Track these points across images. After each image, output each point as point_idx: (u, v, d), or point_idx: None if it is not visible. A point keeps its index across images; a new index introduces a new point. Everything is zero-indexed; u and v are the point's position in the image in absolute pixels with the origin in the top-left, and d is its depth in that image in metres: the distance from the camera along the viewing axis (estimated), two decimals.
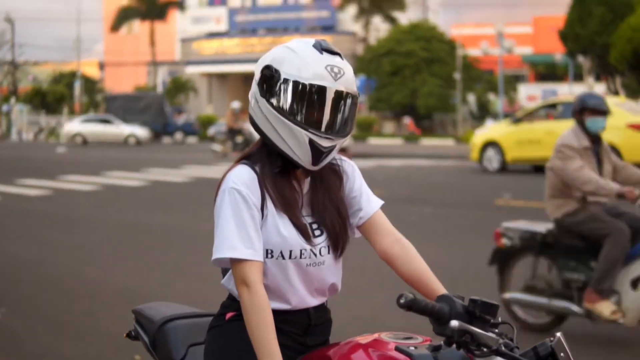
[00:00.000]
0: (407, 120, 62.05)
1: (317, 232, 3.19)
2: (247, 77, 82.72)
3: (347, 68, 3.10)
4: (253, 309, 2.98)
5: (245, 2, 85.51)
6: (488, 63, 64.57)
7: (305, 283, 3.18)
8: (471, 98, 63.91)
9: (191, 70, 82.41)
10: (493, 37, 57.45)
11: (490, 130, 26.92)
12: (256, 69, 3.16)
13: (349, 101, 3.08)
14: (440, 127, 63.03)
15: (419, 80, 62.33)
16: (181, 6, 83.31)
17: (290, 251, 3.12)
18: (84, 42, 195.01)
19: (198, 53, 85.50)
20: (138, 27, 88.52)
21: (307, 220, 3.20)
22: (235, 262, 3.04)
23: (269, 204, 3.11)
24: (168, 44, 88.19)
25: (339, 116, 3.07)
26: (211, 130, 46.82)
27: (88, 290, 9.44)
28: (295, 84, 3.02)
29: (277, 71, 3.06)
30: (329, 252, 3.21)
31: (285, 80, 3.04)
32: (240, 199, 3.06)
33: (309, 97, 3.02)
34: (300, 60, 3.05)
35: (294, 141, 3.05)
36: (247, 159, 3.21)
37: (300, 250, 3.13)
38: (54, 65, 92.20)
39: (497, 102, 57.76)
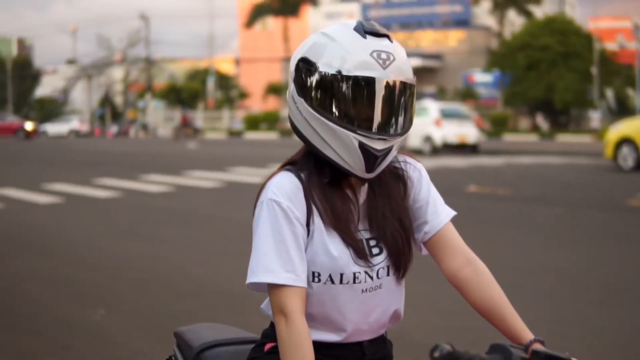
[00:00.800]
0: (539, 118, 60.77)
1: (375, 250, 2.67)
2: None
3: (398, 51, 2.58)
4: (290, 343, 2.49)
5: None
6: (627, 57, 62.63)
7: (360, 311, 2.67)
8: (609, 93, 62.22)
9: None
10: (629, 30, 55.69)
11: (626, 126, 25.76)
12: (291, 63, 2.66)
13: (403, 92, 2.57)
14: (576, 123, 61.57)
15: (555, 74, 60.95)
16: (314, 2, 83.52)
17: (342, 274, 2.62)
18: (220, 39, 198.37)
19: None
20: (272, 24, 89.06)
21: (364, 235, 2.68)
22: (272, 288, 2.56)
23: (316, 218, 2.62)
24: (301, 40, 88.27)
25: (393, 111, 2.56)
26: None
27: (191, 290, 9.18)
28: (336, 77, 2.51)
29: (313, 64, 2.55)
30: (388, 274, 2.70)
31: (324, 74, 2.52)
32: (280, 213, 2.58)
33: (354, 92, 2.51)
34: (340, 48, 2.53)
35: (341, 146, 2.54)
36: (292, 164, 2.72)
37: (354, 274, 2.63)
38: (191, 62, 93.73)
39: (636, 97, 55.93)
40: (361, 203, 2.70)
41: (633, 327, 7.44)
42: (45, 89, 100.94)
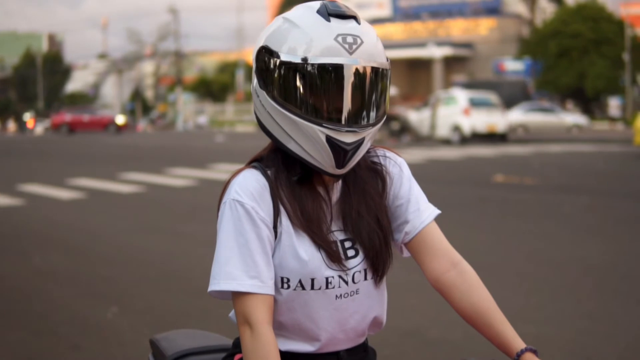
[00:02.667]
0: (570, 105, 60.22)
1: (350, 253, 2.47)
2: (412, 63, 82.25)
3: (367, 34, 2.35)
4: (255, 356, 2.28)
5: None
6: None
7: (335, 319, 2.46)
8: None
9: None
10: None
11: None
12: (253, 52, 2.47)
13: (374, 79, 2.35)
14: (602, 111, 61.04)
15: (587, 62, 60.48)
16: None
17: (313, 279, 2.41)
18: (250, 31, 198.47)
19: None
20: None
21: (338, 236, 2.47)
22: (235, 296, 2.36)
23: (284, 219, 2.42)
24: None
25: (363, 101, 2.34)
26: None
27: (205, 288, 9.02)
28: (299, 66, 2.30)
29: (275, 53, 2.35)
30: (365, 278, 2.49)
31: (286, 63, 2.31)
32: (243, 214, 2.37)
33: (318, 81, 2.29)
34: (303, 33, 2.32)
35: (307, 141, 2.34)
36: (259, 161, 2.52)
37: (327, 278, 2.42)
38: (220, 54, 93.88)
39: None
40: (334, 201, 2.50)
41: None
42: (76, 83, 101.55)
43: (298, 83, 2.31)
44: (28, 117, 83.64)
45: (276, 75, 2.34)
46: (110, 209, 15.86)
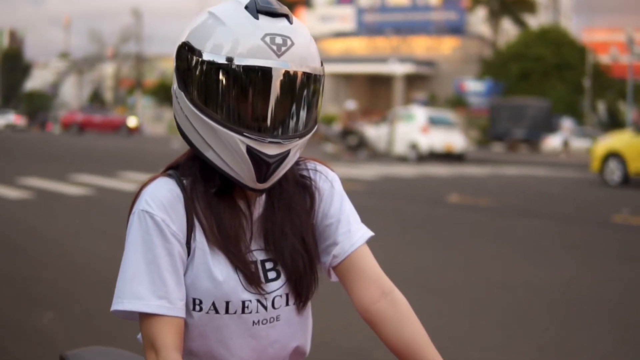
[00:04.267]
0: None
1: (271, 275, 2.24)
2: (373, 78, 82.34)
3: (299, 34, 2.13)
4: None
5: (374, 2, 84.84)
6: (619, 70, 62.49)
7: (251, 347, 2.24)
8: (601, 106, 62.12)
9: None
10: (623, 43, 55.57)
11: (613, 139, 25.36)
12: (174, 48, 2.22)
13: (304, 84, 2.13)
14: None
15: (548, 85, 60.89)
16: (309, 4, 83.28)
17: (228, 303, 2.17)
18: None
19: (324, 52, 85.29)
20: None
21: (258, 256, 2.24)
22: (141, 317, 2.13)
23: (199, 235, 2.18)
24: None
25: (289, 109, 2.12)
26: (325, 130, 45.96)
27: None
28: (220, 67, 2.06)
29: (196, 51, 2.11)
30: (287, 303, 2.27)
31: (208, 63, 2.08)
32: (152, 227, 2.13)
33: (240, 85, 2.06)
34: (227, 31, 2.08)
35: (225, 150, 2.10)
36: (175, 169, 2.29)
37: (243, 302, 2.19)
38: None
39: (628, 110, 55.74)
40: (256, 217, 2.27)
41: (606, 351, 7.08)
42: (35, 81, 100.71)
43: (219, 86, 2.07)
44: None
45: (196, 75, 2.11)
46: (57, 210, 15.52)
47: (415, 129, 35.00)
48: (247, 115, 2.08)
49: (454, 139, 35.33)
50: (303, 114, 2.15)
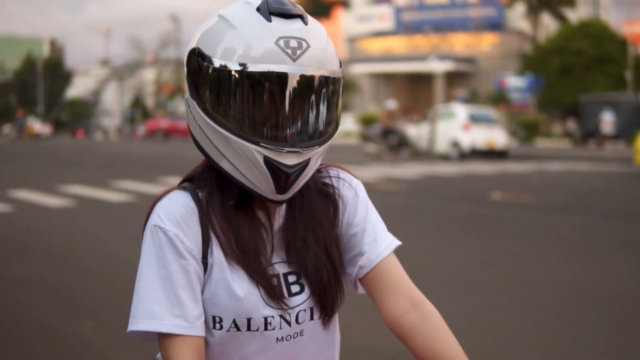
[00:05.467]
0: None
1: (294, 288, 2.13)
2: (413, 77, 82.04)
3: (315, 36, 2.01)
4: None
5: (412, 0, 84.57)
6: None
7: None
8: None
9: (356, 69, 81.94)
10: None
11: None
12: (184, 53, 2.13)
13: (322, 89, 2.00)
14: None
15: (589, 79, 60.26)
16: (346, 5, 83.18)
17: (249, 320, 2.06)
18: None
19: (363, 52, 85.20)
20: None
21: (280, 269, 2.13)
22: (159, 337, 2.03)
23: (216, 250, 2.07)
24: (334, 43, 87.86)
25: (308, 115, 2.00)
26: (366, 130, 45.60)
27: None
28: (233, 73, 1.95)
29: (207, 57, 1.99)
30: (312, 317, 2.15)
31: (219, 70, 1.96)
32: (166, 243, 2.03)
33: (254, 92, 1.94)
34: (239, 35, 1.97)
35: (241, 161, 2.00)
36: (190, 180, 2.18)
37: (266, 318, 2.08)
38: None
39: None
40: (277, 228, 2.15)
41: None
42: (77, 89, 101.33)
43: (232, 94, 1.96)
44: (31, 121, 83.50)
45: (208, 83, 2.00)
46: (98, 217, 15.57)
47: (456, 126, 34.77)
48: (262, 124, 1.97)
49: (496, 136, 35.05)
50: (322, 120, 2.04)
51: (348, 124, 64.15)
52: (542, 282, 9.54)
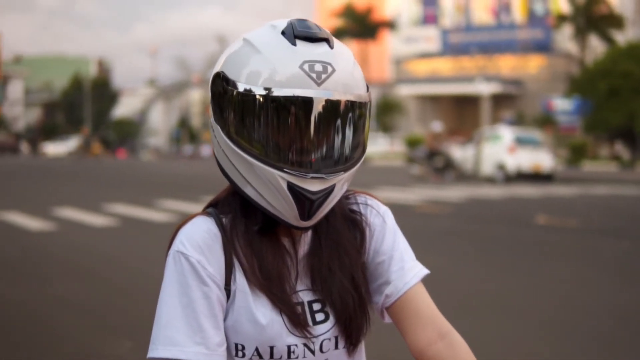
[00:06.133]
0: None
1: (319, 317, 2.08)
2: (459, 98, 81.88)
3: (341, 60, 1.97)
4: None
5: (459, 22, 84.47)
6: None
7: None
8: None
9: (402, 90, 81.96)
10: None
11: None
12: (209, 77, 2.10)
13: (348, 114, 1.97)
14: None
15: (637, 102, 59.67)
16: (393, 26, 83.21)
17: (272, 348, 2.03)
18: None
19: (409, 73, 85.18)
20: (353, 47, 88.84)
21: (304, 297, 2.09)
22: None
23: (239, 276, 2.04)
24: (380, 64, 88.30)
25: (333, 140, 1.96)
26: (412, 152, 45.37)
27: None
28: (257, 98, 1.92)
29: (231, 82, 1.97)
30: (336, 347, 2.10)
31: (243, 95, 1.94)
32: (188, 269, 2.01)
33: (277, 118, 1.92)
34: (263, 60, 1.95)
35: (265, 187, 1.97)
36: (215, 206, 2.16)
37: (289, 347, 2.04)
38: None
39: None
40: (302, 255, 2.11)
41: None
42: (123, 109, 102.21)
43: (256, 118, 1.93)
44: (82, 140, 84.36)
45: (232, 107, 1.97)
46: (140, 237, 15.61)
47: (502, 149, 34.55)
48: (286, 150, 1.94)
49: (542, 159, 34.76)
50: (348, 145, 2.00)
51: (395, 145, 64.07)
52: (585, 307, 9.41)
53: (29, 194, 26.01)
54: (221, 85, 2.00)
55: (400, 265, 2.16)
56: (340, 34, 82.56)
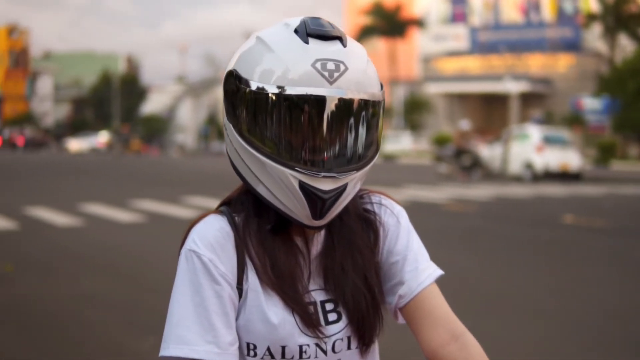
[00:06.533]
0: None
1: (331, 317, 2.07)
2: (488, 97, 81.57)
3: (354, 58, 1.96)
4: None
5: (488, 20, 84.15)
6: None
7: None
8: None
9: (430, 88, 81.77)
10: None
11: None
12: (223, 75, 2.10)
13: (360, 113, 1.96)
14: None
15: None
16: (421, 24, 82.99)
17: (284, 347, 2.02)
18: None
19: (438, 71, 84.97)
20: (382, 45, 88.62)
21: (317, 297, 2.08)
22: None
23: (251, 275, 2.03)
24: (408, 62, 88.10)
25: (345, 139, 1.95)
26: (439, 150, 45.24)
27: None
28: (269, 97, 1.92)
29: (243, 80, 1.96)
30: (349, 347, 2.09)
31: (255, 93, 1.93)
32: (200, 268, 2.00)
33: (289, 116, 1.91)
34: (275, 58, 1.94)
35: (276, 186, 1.96)
36: (228, 204, 2.15)
37: (301, 347, 2.03)
38: None
39: None
40: (315, 255, 2.10)
41: None
42: (152, 105, 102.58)
43: (268, 116, 1.93)
44: (104, 136, 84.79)
45: (245, 105, 1.96)
46: (166, 233, 15.63)
47: (529, 148, 34.39)
48: (298, 148, 1.93)
49: (570, 158, 34.58)
50: (360, 144, 1.99)
51: (422, 143, 63.90)
52: (613, 310, 9.34)
53: (56, 190, 26.14)
54: (234, 83, 1.99)
55: (414, 266, 2.15)
56: (368, 32, 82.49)
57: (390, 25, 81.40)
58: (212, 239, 2.03)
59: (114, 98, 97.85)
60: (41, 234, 15.40)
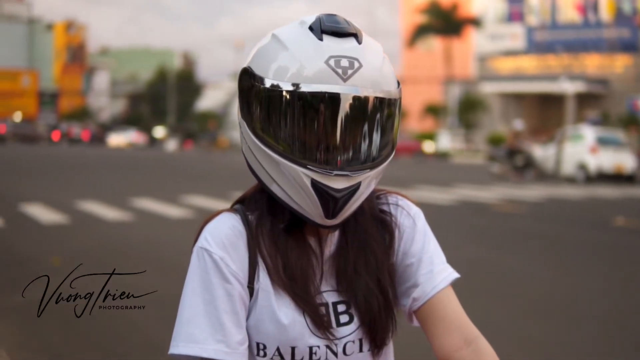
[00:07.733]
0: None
1: (343, 318, 2.05)
2: (543, 97, 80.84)
3: (369, 55, 1.93)
4: None
5: (545, 20, 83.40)
6: None
7: None
8: None
9: (486, 87, 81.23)
10: None
11: None
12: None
13: (374, 111, 1.93)
14: None
15: None
16: (477, 23, 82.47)
17: (293, 348, 2.00)
18: None
19: (494, 70, 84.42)
20: (437, 44, 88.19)
21: (329, 298, 2.06)
22: None
23: (263, 275, 2.02)
24: (464, 61, 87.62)
25: (358, 138, 1.93)
26: (493, 150, 44.82)
27: None
28: (282, 94, 1.90)
29: (257, 77, 1.95)
30: (361, 349, 2.06)
31: (269, 91, 1.92)
32: (211, 266, 2.00)
33: (302, 114, 1.89)
34: (289, 55, 1.92)
35: (289, 184, 1.95)
36: (241, 202, 2.15)
37: (310, 348, 2.01)
38: None
39: None
40: (328, 255, 2.08)
41: None
42: (207, 101, 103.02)
43: (282, 114, 1.92)
44: (160, 132, 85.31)
45: (259, 102, 1.95)
46: None
47: (583, 149, 34.03)
48: (312, 147, 1.92)
49: (624, 160, 34.16)
50: (374, 143, 1.97)
51: (474, 143, 63.47)
52: None
53: (108, 184, 26.34)
54: (248, 80, 1.99)
55: (430, 269, 2.13)
56: (424, 30, 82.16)
57: (446, 23, 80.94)
58: (224, 237, 2.03)
59: (170, 94, 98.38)
60: (92, 227, 15.54)
